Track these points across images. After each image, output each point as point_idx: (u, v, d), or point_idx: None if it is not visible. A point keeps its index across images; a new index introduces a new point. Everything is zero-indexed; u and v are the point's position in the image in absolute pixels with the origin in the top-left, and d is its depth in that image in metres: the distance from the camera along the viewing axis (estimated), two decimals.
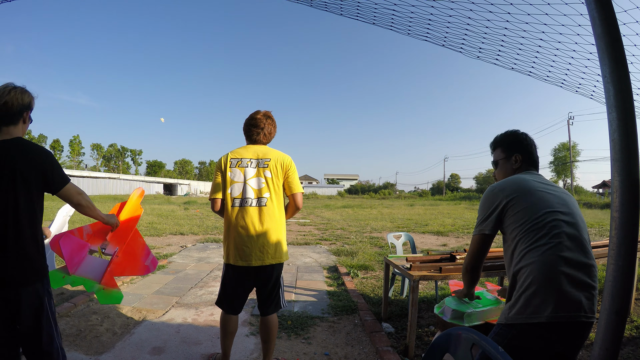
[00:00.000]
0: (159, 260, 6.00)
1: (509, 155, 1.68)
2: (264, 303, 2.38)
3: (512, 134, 1.72)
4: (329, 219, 15.50)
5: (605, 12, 1.13)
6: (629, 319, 3.38)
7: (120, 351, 2.77)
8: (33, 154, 1.62)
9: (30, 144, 1.66)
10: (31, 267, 1.62)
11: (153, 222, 11.86)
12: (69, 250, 1.97)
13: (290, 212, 2.43)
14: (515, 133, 1.72)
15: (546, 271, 1.32)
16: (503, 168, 1.69)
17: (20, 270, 1.58)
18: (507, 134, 1.73)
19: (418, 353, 2.77)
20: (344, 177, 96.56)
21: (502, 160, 1.70)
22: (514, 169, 1.66)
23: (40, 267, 1.67)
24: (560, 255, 1.33)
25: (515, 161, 1.66)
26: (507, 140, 1.71)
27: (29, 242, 1.61)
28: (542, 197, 1.44)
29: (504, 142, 1.72)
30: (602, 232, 10.40)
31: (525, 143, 1.67)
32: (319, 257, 6.67)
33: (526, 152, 1.66)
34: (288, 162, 2.36)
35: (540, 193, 1.45)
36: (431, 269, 2.88)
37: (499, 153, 1.72)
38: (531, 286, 1.33)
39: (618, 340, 1.07)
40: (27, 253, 1.60)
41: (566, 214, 1.42)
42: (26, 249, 1.60)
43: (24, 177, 1.59)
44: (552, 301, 1.29)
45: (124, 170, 76.48)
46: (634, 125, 1.10)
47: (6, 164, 1.56)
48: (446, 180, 71.42)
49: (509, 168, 1.67)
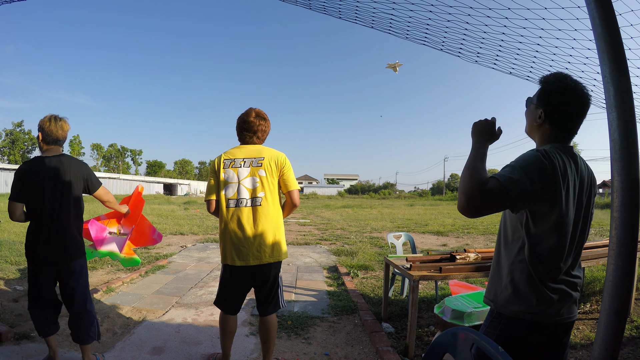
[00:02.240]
0: (158, 260, 6.01)
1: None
2: (263, 303, 2.38)
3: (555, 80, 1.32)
4: (329, 219, 15.51)
5: (605, 12, 1.13)
6: (629, 319, 3.38)
7: (120, 351, 2.77)
8: (79, 165, 2.38)
9: (75, 159, 2.39)
10: (78, 248, 2.37)
11: (153, 222, 11.76)
12: (95, 232, 2.72)
13: (287, 209, 2.43)
14: (559, 79, 1.31)
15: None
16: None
17: (75, 250, 2.35)
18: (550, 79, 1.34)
19: (418, 353, 2.76)
20: (344, 177, 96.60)
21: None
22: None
23: (83, 247, 2.44)
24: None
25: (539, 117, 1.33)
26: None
27: (77, 231, 2.38)
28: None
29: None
30: (602, 232, 10.41)
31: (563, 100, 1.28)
32: (319, 257, 6.66)
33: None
34: (282, 159, 2.34)
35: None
36: (431, 269, 2.88)
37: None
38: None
39: (618, 340, 1.07)
40: (77, 239, 2.37)
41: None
42: (76, 236, 2.37)
43: (74, 183, 2.31)
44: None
45: (124, 170, 76.48)
46: (634, 125, 1.10)
47: (63, 173, 2.27)
48: (446, 180, 71.45)
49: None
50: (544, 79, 1.36)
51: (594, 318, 3.53)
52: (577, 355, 2.81)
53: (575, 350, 2.88)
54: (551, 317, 1.26)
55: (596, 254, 3.34)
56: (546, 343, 1.30)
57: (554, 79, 1.34)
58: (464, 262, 3.06)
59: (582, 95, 1.29)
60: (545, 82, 1.34)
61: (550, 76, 1.36)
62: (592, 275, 4.67)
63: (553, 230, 1.24)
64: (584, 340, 3.06)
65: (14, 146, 60.69)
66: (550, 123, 1.32)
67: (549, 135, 1.34)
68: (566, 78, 1.32)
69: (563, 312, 1.28)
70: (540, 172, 1.18)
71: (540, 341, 1.29)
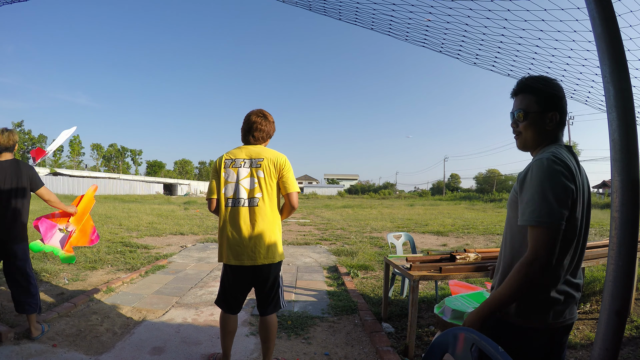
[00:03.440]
0: (158, 260, 6.01)
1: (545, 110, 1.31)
2: (263, 303, 2.38)
3: (555, 84, 1.35)
4: (329, 219, 15.50)
5: (605, 12, 1.13)
6: (629, 319, 3.38)
7: (120, 351, 2.77)
8: (26, 167, 2.91)
9: (23, 162, 2.91)
10: (21, 235, 2.88)
11: (153, 222, 11.86)
12: (44, 228, 3.09)
13: (285, 212, 2.43)
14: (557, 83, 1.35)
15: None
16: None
17: (17, 235, 2.85)
18: (548, 81, 1.35)
19: (418, 353, 2.77)
20: (344, 177, 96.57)
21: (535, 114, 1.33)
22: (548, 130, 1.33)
23: (25, 235, 2.92)
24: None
25: (551, 120, 1.32)
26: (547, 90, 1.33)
27: (21, 217, 2.88)
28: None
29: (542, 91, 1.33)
30: (602, 232, 10.40)
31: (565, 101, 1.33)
32: (319, 257, 6.66)
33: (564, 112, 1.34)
34: (282, 161, 2.34)
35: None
36: (431, 269, 2.88)
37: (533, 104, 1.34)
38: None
39: (618, 340, 1.07)
40: (21, 227, 2.88)
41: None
42: (21, 225, 2.88)
43: (22, 180, 2.85)
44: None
45: (124, 170, 76.46)
46: (634, 125, 1.10)
47: (12, 172, 2.83)
48: (446, 180, 71.46)
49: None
50: (541, 83, 1.35)
51: (594, 318, 3.53)
52: (577, 355, 2.81)
53: (575, 350, 2.88)
54: (554, 321, 1.25)
55: (596, 254, 3.34)
56: (546, 345, 1.29)
57: (554, 81, 1.36)
58: (464, 262, 3.06)
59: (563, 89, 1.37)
60: (552, 85, 1.34)
61: (542, 80, 1.37)
62: (592, 275, 4.67)
63: (564, 238, 1.20)
64: (584, 340, 3.06)
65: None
66: (559, 124, 1.34)
67: (553, 137, 1.35)
68: (551, 79, 1.37)
69: (565, 315, 1.27)
70: (565, 187, 1.16)
71: (542, 345, 1.28)
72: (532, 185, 1.19)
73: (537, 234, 1.14)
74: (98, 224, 10.77)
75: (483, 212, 21.08)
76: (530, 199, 1.18)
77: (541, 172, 1.18)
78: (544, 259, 1.12)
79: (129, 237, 8.63)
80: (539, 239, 1.13)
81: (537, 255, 1.13)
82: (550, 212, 1.13)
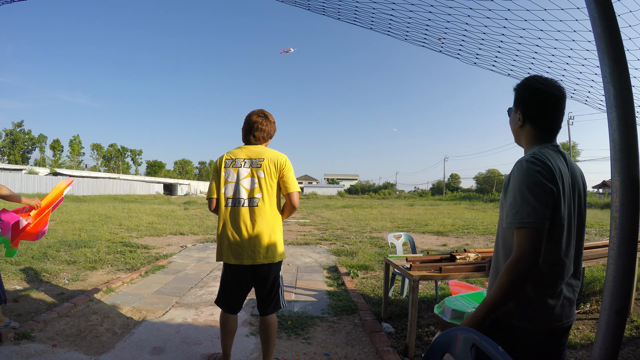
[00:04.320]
0: (158, 260, 6.01)
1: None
2: (263, 303, 2.38)
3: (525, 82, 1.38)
4: (329, 219, 15.51)
5: (605, 12, 1.13)
6: (629, 319, 3.38)
7: (120, 351, 2.77)
8: None
9: None
10: None
11: (153, 222, 11.86)
12: (6, 220, 2.94)
13: (286, 211, 2.43)
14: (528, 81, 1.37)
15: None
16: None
17: None
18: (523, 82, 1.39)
19: (418, 353, 2.77)
20: (344, 177, 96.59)
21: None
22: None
23: None
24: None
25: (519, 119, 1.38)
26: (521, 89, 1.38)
27: None
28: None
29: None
30: (602, 232, 10.41)
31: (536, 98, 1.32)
32: (319, 257, 6.67)
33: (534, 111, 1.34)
34: (282, 161, 2.35)
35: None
36: (431, 269, 2.88)
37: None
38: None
39: (618, 340, 1.07)
40: None
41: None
42: None
43: None
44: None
45: (124, 170, 76.48)
46: (634, 125, 1.10)
47: None
48: (446, 180, 71.47)
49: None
50: (516, 85, 1.40)
51: (594, 318, 3.53)
52: (577, 355, 2.81)
53: (575, 350, 2.88)
54: (552, 323, 1.25)
55: (596, 254, 3.34)
56: (545, 346, 1.29)
57: (524, 81, 1.39)
58: (464, 262, 3.06)
59: (553, 88, 1.32)
60: (518, 86, 1.39)
61: (522, 80, 1.41)
62: (592, 275, 4.67)
63: (551, 238, 1.21)
64: (584, 340, 3.06)
65: (14, 146, 60.68)
66: (531, 123, 1.35)
67: (534, 137, 1.36)
68: (535, 78, 1.37)
69: (563, 317, 1.27)
70: (544, 187, 1.17)
71: (541, 346, 1.28)
72: (513, 187, 1.23)
73: (521, 235, 1.17)
74: (98, 223, 10.78)
75: (483, 212, 21.08)
76: (512, 201, 1.22)
77: (520, 174, 1.22)
78: (529, 259, 1.14)
79: (129, 237, 8.63)
80: (523, 239, 1.16)
81: (522, 256, 1.15)
82: (532, 212, 1.16)
